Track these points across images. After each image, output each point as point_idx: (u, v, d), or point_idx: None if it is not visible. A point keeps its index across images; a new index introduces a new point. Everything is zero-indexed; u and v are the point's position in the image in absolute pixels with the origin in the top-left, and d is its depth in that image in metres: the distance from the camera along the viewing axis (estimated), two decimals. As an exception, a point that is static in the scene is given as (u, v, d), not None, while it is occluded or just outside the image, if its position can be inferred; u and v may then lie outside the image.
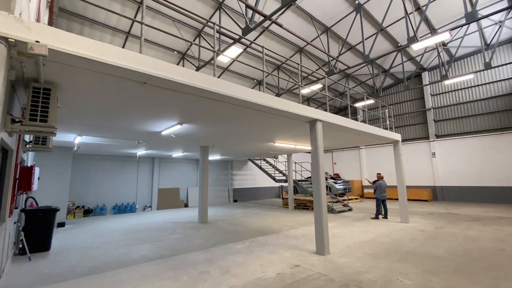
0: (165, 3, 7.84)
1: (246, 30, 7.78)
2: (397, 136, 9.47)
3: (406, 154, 17.19)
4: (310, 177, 16.30)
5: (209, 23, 9.53)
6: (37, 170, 6.19)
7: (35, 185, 5.68)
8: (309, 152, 20.65)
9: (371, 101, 17.41)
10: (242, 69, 14.20)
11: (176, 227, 8.72)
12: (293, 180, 13.55)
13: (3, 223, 3.64)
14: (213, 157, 14.68)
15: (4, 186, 3.74)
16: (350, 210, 12.05)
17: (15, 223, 5.48)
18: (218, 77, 4.07)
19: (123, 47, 10.91)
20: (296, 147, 11.20)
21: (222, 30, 9.71)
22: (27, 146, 4.70)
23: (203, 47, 4.47)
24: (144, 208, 13.68)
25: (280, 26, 8.60)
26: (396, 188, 16.18)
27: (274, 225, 8.69)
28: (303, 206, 13.07)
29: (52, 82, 3.26)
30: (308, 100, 19.38)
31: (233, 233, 7.62)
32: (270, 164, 16.93)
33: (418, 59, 15.33)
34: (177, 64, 12.71)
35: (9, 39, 2.15)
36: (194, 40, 11.17)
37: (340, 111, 21.81)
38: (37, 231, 5.92)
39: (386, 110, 10.89)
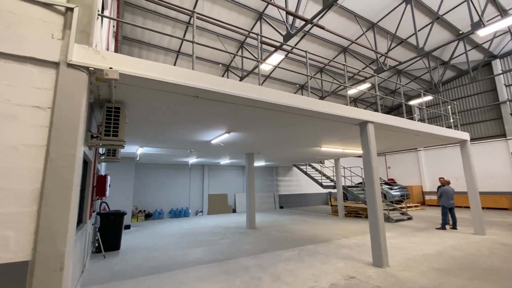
0: (211, 21, 8.40)
1: (287, 37, 7.82)
2: (465, 135, 8.32)
3: (476, 155, 14.95)
4: (361, 183, 15.32)
5: (251, 34, 9.85)
6: (109, 179, 7.10)
7: (107, 192, 6.50)
8: (359, 156, 19.46)
9: (429, 98, 15.69)
10: (284, 75, 14.24)
11: (226, 232, 9.02)
12: (342, 186, 12.89)
13: (84, 225, 4.25)
14: (259, 163, 14.91)
15: (85, 192, 4.37)
16: (409, 219, 10.91)
17: (93, 224, 6.34)
18: (261, 85, 4.16)
19: (174, 64, 11.95)
20: (345, 151, 10.68)
21: (263, 39, 9.94)
22: (101, 157, 5.44)
23: (246, 57, 4.64)
24: (196, 212, 14.50)
25: (322, 28, 8.42)
26: (465, 195, 14.13)
27: (324, 233, 8.36)
28: (355, 213, 12.30)
29: (121, 101, 3.74)
30: (355, 101, 18.40)
31: (282, 240, 7.55)
32: (316, 170, 16.43)
33: (486, 46, 13.36)
34: (222, 76, 13.38)
35: (90, 68, 2.55)
36: (237, 52, 11.65)
37: (392, 110, 20.16)
38: (109, 232, 6.74)
39: (449, 107, 9.68)
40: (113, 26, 7.26)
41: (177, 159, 12.36)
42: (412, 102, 13.97)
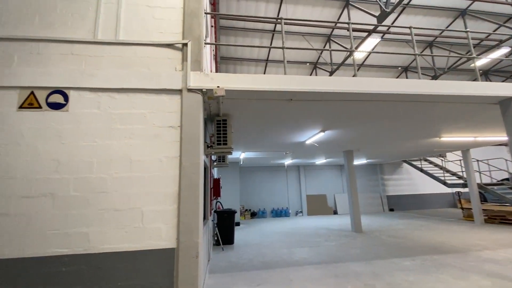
0: (297, 22, 8.47)
1: (382, 16, 6.92)
2: None
3: None
4: (507, 179, 11.66)
5: (338, 25, 9.30)
6: (221, 181, 8.21)
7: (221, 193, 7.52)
8: (501, 145, 14.91)
9: None
10: (381, 60, 12.64)
11: (330, 234, 8.72)
12: (477, 184, 10.18)
13: (207, 221, 5.05)
14: (359, 161, 13.74)
15: (205, 193, 5.21)
16: None
17: (212, 220, 7.46)
18: (355, 75, 3.83)
19: (264, 72, 12.68)
20: (477, 140, 8.42)
21: (353, 26, 9.17)
22: (214, 163, 6.35)
23: (335, 50, 4.40)
24: (296, 213, 14.74)
25: (428, -6, 7.00)
26: None
27: (455, 242, 6.80)
28: (501, 219, 9.45)
29: (227, 114, 4.28)
30: (486, 74, 14.27)
31: (396, 246, 6.64)
32: (436, 165, 13.64)
33: None
34: (310, 74, 13.19)
35: (203, 90, 3.04)
36: (324, 46, 11.23)
37: (553, 77, 14.43)
38: (224, 228, 7.75)
39: None
40: (213, 50, 8.42)
41: (274, 161, 12.99)
42: None
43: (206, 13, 3.65)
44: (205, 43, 3.50)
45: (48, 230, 2.53)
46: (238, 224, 11.49)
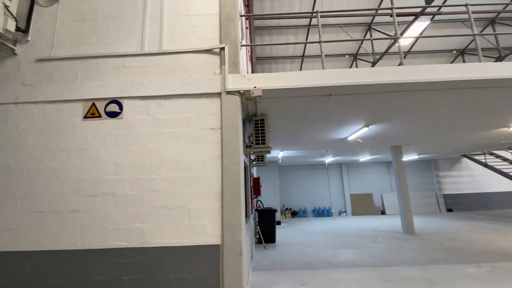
0: (334, 14, 8.14)
1: (432, -4, 6.25)
2: None
3: None
4: None
5: (379, 11, 8.67)
6: (260, 180, 8.31)
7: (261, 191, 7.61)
8: None
9: None
10: (431, 45, 11.43)
11: (377, 236, 8.19)
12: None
13: (249, 219, 5.15)
14: (408, 157, 12.64)
15: (246, 192, 5.32)
16: None
17: (253, 219, 7.58)
18: (401, 64, 3.51)
19: (300, 69, 12.45)
20: (559, 128, 7.08)
21: (397, 11, 8.46)
22: (253, 163, 6.45)
23: (377, 39, 4.10)
24: (339, 213, 14.17)
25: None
26: None
27: (534, 249, 5.84)
28: None
29: (264, 113, 4.31)
30: None
31: (457, 251, 5.95)
32: (504, 159, 11.86)
33: None
34: (350, 67, 12.55)
35: (241, 91, 3.10)
36: (364, 36, 10.58)
37: None
38: (265, 226, 7.81)
39: None
40: (248, 51, 8.55)
41: (314, 159, 12.67)
42: None
43: (241, 16, 3.72)
44: (241, 46, 3.56)
45: (110, 225, 2.85)
46: (279, 223, 11.49)
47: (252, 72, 9.66)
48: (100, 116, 3.08)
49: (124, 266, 2.74)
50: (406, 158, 13.04)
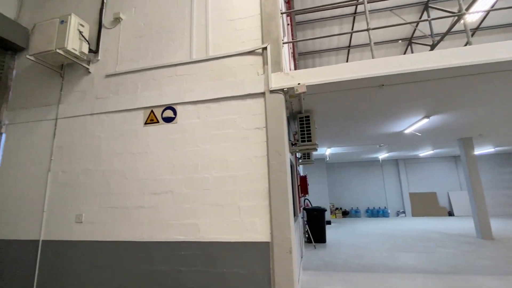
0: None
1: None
2: None
3: None
4: None
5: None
6: (307, 179, 8.14)
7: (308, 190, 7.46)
8: None
9: None
10: (505, 17, 9.64)
11: (444, 239, 7.29)
12: None
13: (297, 217, 5.10)
14: (482, 150, 10.92)
15: (293, 190, 5.27)
16: None
17: (302, 218, 7.48)
18: (465, 45, 3.04)
19: (346, 60, 11.79)
20: None
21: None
22: (299, 161, 6.36)
23: (436, 18, 3.62)
24: (397, 213, 13.03)
25: None
26: None
27: None
28: None
29: (309, 110, 4.21)
30: None
31: (554, 262, 4.93)
32: None
33: None
34: (404, 53, 11.40)
35: (284, 89, 3.09)
36: (420, 17, 9.48)
37: None
38: (315, 225, 7.63)
39: None
40: (290, 47, 8.44)
41: (365, 156, 11.87)
42: None
43: (282, 13, 3.70)
44: (283, 43, 3.54)
45: (170, 220, 3.13)
46: (329, 222, 11.10)
47: (295, 68, 9.52)
48: (158, 121, 3.41)
49: (183, 258, 2.99)
50: (479, 151, 11.29)
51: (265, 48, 3.27)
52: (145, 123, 3.45)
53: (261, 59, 3.30)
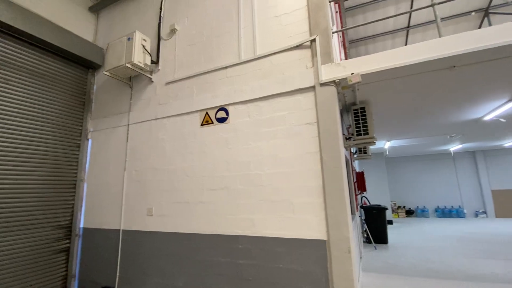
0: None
1: None
2: None
3: None
4: None
5: None
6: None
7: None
8: None
9: None
10: None
11: (544, 247, 6.01)
12: None
13: (354, 216, 4.82)
14: None
15: (350, 187, 5.00)
16: None
17: (359, 216, 7.05)
18: None
19: (405, 43, 10.60)
20: None
21: None
22: (355, 156, 5.99)
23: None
24: (475, 214, 11.25)
25: None
26: None
27: None
28: None
29: (364, 101, 3.93)
30: None
31: None
32: None
33: None
34: (479, 27, 9.72)
35: (336, 81, 2.94)
36: (501, -19, 7.90)
37: None
38: (374, 225, 7.10)
39: None
40: (340, 36, 7.98)
41: (432, 148, 10.52)
42: None
43: (330, 2, 3.52)
44: (333, 33, 3.37)
45: (227, 215, 3.29)
46: (390, 222, 10.21)
47: (346, 58, 8.97)
48: (212, 122, 3.61)
49: (240, 252, 3.12)
50: None
51: (313, 40, 3.16)
52: (201, 125, 3.69)
53: (310, 52, 3.20)
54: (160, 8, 4.45)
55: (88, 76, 4.87)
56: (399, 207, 12.28)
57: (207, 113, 3.67)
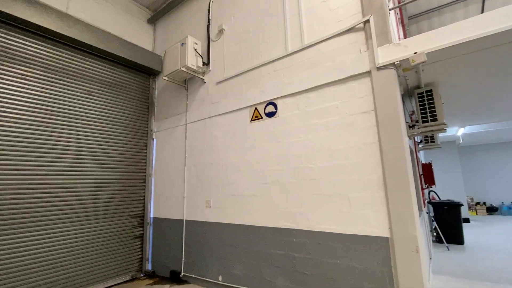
0: None
1: None
2: None
3: None
4: None
5: None
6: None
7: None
8: None
9: None
10: None
11: None
12: None
13: (422, 212, 4.34)
14: None
15: (415, 180, 4.50)
16: None
17: (427, 213, 6.31)
18: None
19: (482, 11, 8.93)
20: None
21: None
22: (419, 145, 5.35)
23: None
24: None
25: None
26: None
27: None
28: None
29: (430, 83, 3.46)
30: None
31: None
32: None
33: None
34: None
35: (395, 63, 2.66)
36: None
37: None
38: (446, 223, 6.27)
39: None
40: (397, 13, 7.15)
41: (523, 134, 8.73)
42: None
43: (384, -25, 3.16)
44: (390, 9, 3.04)
45: (279, 208, 3.31)
46: (466, 220, 8.89)
47: (405, 37, 8.02)
48: (261, 117, 3.65)
49: (295, 245, 3.11)
50: None
51: (367, 21, 2.90)
52: (251, 120, 3.77)
53: (363, 34, 2.95)
54: (208, 11, 4.66)
55: (150, 82, 5.42)
56: (477, 203, 10.58)
57: (256, 108, 3.73)
